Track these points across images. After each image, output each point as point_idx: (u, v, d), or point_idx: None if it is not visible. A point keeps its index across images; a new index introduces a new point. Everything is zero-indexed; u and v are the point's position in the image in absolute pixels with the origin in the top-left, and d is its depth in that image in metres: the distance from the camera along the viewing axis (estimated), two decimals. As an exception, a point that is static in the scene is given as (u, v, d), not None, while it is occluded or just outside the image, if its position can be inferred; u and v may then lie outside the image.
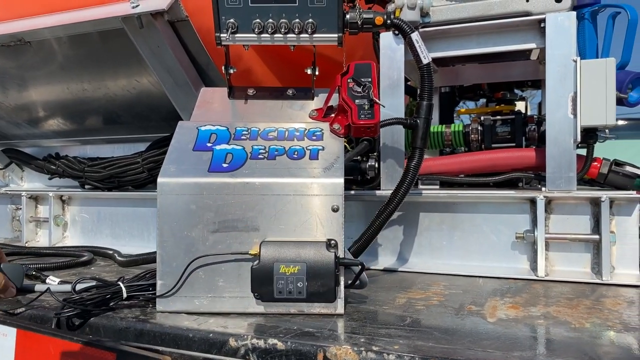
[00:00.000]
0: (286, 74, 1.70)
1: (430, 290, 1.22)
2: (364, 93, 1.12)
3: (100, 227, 1.97)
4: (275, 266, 0.96)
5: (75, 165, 2.04)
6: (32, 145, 2.36)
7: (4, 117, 2.20)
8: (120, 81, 1.81)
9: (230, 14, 1.16)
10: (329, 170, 1.03)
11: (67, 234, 2.03)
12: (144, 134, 2.05)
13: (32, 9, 1.61)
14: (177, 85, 1.61)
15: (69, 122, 2.17)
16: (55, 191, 2.01)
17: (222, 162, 1.04)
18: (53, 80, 1.92)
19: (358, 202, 1.58)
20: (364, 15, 1.18)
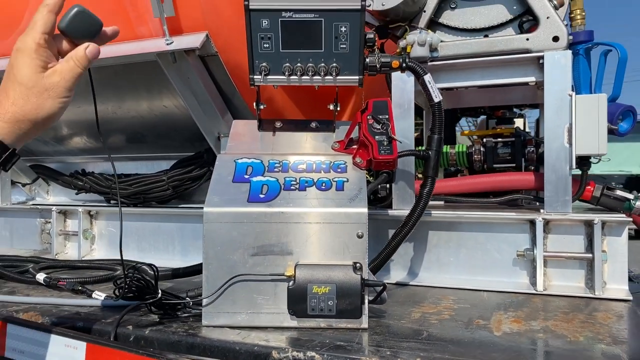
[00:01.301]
0: (304, 102, 1.84)
1: (441, 304, 1.36)
2: (382, 130, 1.26)
3: (127, 240, 2.10)
4: (309, 286, 1.09)
5: (102, 182, 2.17)
6: (57, 161, 2.49)
7: (32, 136, 2.32)
8: (147, 104, 1.94)
9: (263, 58, 1.29)
10: (354, 200, 1.16)
11: (94, 246, 2.16)
12: (166, 153, 2.18)
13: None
14: (204, 112, 1.74)
15: (94, 140, 2.30)
16: (84, 206, 2.14)
17: (259, 193, 1.18)
18: (81, 102, 2.05)
19: (370, 220, 1.70)
20: (382, 59, 1.32)
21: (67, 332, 1.06)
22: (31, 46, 0.85)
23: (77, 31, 0.92)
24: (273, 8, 1.25)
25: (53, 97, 0.85)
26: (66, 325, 1.16)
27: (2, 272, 1.69)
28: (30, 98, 0.84)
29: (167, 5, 1.52)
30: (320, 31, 1.26)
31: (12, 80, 0.84)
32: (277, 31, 1.26)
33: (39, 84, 0.85)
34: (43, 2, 0.88)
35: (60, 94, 0.86)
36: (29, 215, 2.32)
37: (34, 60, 0.85)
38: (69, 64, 0.88)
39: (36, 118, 0.84)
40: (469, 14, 1.66)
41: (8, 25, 1.78)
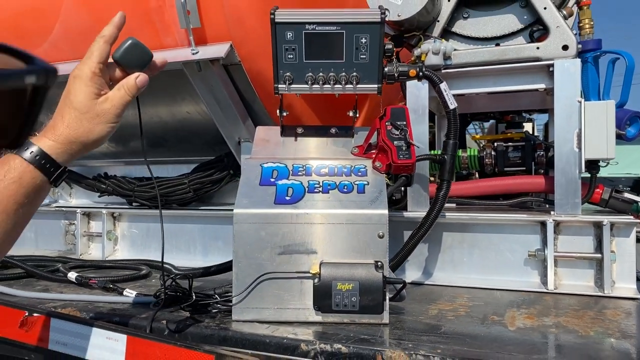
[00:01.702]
0: (321, 108, 1.91)
1: (456, 302, 1.42)
2: (401, 135, 1.33)
3: (149, 241, 2.18)
4: (333, 283, 1.16)
5: (125, 185, 2.25)
6: (79, 165, 2.57)
7: (57, 140, 2.41)
8: (170, 110, 2.02)
9: (288, 68, 1.36)
10: (375, 202, 1.23)
11: (117, 247, 2.24)
12: (186, 157, 2.26)
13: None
14: (225, 118, 1.82)
15: (115, 145, 2.38)
16: (108, 208, 2.22)
17: (285, 196, 1.25)
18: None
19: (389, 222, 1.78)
20: (400, 68, 1.39)
21: (108, 326, 1.13)
22: (87, 74, 0.92)
23: (130, 62, 0.99)
24: (297, 21, 1.32)
25: (103, 122, 0.92)
26: (104, 320, 1.23)
27: (34, 271, 1.77)
28: (83, 122, 0.90)
29: (194, 17, 1.60)
30: (342, 42, 1.33)
31: (68, 105, 0.91)
32: (300, 43, 1.34)
33: (92, 110, 0.91)
34: (100, 34, 0.96)
35: (110, 120, 0.93)
36: (54, 217, 2.40)
37: (89, 88, 0.92)
38: (120, 92, 0.96)
39: (86, 140, 0.91)
40: (481, 24, 1.73)
41: (40, 34, 1.87)
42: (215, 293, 1.31)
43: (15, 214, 0.84)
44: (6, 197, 0.82)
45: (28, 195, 0.85)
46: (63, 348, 1.15)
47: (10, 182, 0.83)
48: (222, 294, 1.28)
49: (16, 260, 1.80)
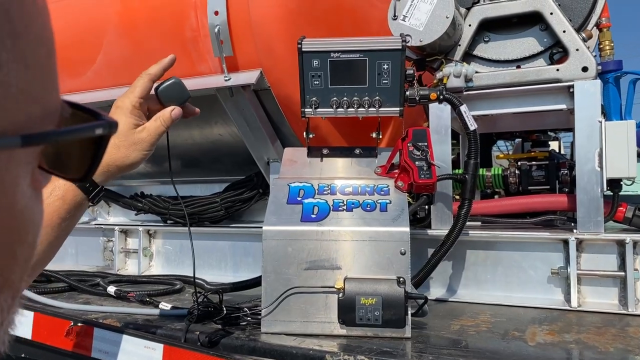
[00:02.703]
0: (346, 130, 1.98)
1: (478, 318, 1.45)
2: (422, 156, 1.39)
3: (182, 258, 2.28)
4: (357, 298, 1.22)
5: (160, 204, 2.36)
6: (117, 184, 2.71)
7: (97, 161, 2.55)
8: (201, 132, 2.13)
9: (314, 94, 1.44)
10: (397, 220, 1.29)
11: (152, 263, 2.34)
12: (218, 177, 2.36)
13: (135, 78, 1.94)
14: (255, 139, 1.91)
15: (152, 165, 2.50)
16: (144, 226, 2.33)
17: (310, 214, 1.32)
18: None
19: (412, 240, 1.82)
20: (421, 92, 1.45)
21: (146, 335, 1.21)
22: (128, 107, 1.02)
23: (169, 97, 1.09)
24: (323, 50, 1.40)
25: (139, 150, 1.02)
26: (141, 330, 1.31)
27: (77, 285, 1.88)
28: (120, 149, 1.00)
29: (226, 46, 1.70)
30: (365, 69, 1.41)
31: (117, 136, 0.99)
32: (326, 69, 1.42)
33: (129, 138, 1.01)
34: (147, 71, 1.07)
35: (145, 148, 1.03)
36: (93, 234, 2.53)
37: (129, 119, 1.02)
38: (156, 123, 1.05)
39: (122, 165, 1.01)
40: (502, 47, 1.78)
41: (85, 63, 2.01)
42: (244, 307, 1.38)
43: (59, 227, 0.92)
44: (51, 212, 0.91)
45: (70, 211, 0.94)
46: (105, 356, 1.23)
47: (55, 199, 0.92)
48: (251, 308, 1.35)
49: (60, 275, 1.91)
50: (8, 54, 0.30)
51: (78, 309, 1.52)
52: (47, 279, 2.02)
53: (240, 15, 1.69)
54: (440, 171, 1.59)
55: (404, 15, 1.69)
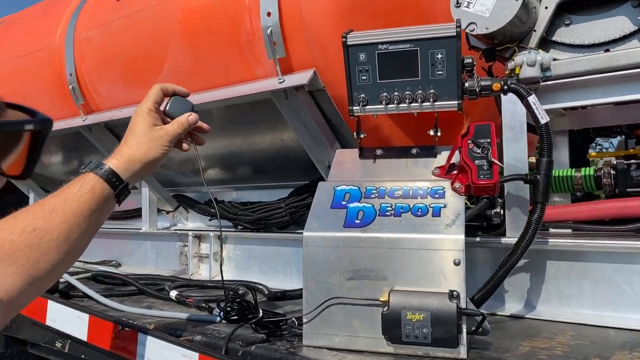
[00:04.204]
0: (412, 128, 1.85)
1: (555, 339, 1.26)
2: (483, 154, 1.23)
3: (250, 263, 2.27)
4: (403, 313, 1.10)
5: (230, 209, 2.38)
6: (195, 190, 2.78)
7: (174, 168, 2.64)
8: (266, 138, 2.11)
9: (362, 90, 1.35)
10: (451, 227, 1.15)
11: (223, 268, 2.36)
12: (285, 182, 2.33)
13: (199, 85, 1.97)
14: (314, 142, 1.85)
15: (225, 172, 2.54)
16: (214, 231, 2.36)
17: (355, 219, 1.22)
18: (217, 138, 2.28)
19: (484, 249, 1.65)
20: (481, 82, 1.30)
21: (184, 343, 1.18)
22: (145, 110, 1.14)
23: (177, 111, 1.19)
24: (370, 42, 1.30)
25: (159, 145, 1.12)
26: (186, 337, 1.30)
27: (145, 289, 1.93)
28: (142, 145, 1.10)
29: (279, 48, 1.66)
30: (416, 60, 1.29)
31: (130, 133, 1.12)
32: (374, 63, 1.32)
33: (149, 135, 1.11)
34: (159, 84, 1.20)
35: (164, 144, 1.12)
36: (171, 239, 2.62)
37: (147, 119, 1.13)
38: (174, 125, 1.16)
39: (145, 160, 1.09)
40: (586, 29, 1.56)
41: (153, 74, 2.08)
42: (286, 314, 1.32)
43: (89, 218, 0.99)
44: (81, 204, 0.98)
45: (99, 203, 1.00)
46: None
47: (85, 192, 0.99)
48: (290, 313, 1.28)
49: (130, 279, 1.98)
50: None
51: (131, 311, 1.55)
52: (123, 282, 2.11)
53: (293, 15, 1.64)
54: (514, 171, 1.42)
55: (468, 1, 1.54)
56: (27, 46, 2.64)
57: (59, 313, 1.52)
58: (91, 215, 0.98)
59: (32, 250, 0.89)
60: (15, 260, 0.86)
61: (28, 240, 0.88)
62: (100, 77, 2.32)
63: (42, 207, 0.95)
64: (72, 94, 2.42)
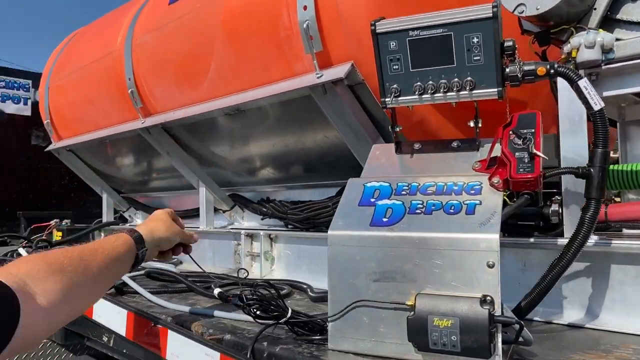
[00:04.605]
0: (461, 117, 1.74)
1: (613, 353, 1.11)
2: (524, 145, 1.11)
3: (300, 262, 2.24)
4: (430, 318, 1.01)
5: (280, 208, 2.38)
6: (250, 190, 2.81)
7: (229, 169, 2.68)
8: (312, 136, 2.07)
9: (394, 80, 1.27)
10: (485, 225, 1.05)
11: (274, 267, 2.36)
12: (334, 180, 2.28)
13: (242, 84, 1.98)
14: (357, 139, 1.78)
15: (277, 171, 2.54)
16: (265, 230, 2.36)
17: (382, 217, 1.15)
18: (272, 137, 2.28)
19: (539, 251, 1.51)
20: (524, 67, 1.18)
21: (207, 342, 1.17)
22: (167, 210, 1.57)
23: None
24: (400, 29, 1.23)
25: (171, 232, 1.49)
26: (216, 336, 1.28)
27: (193, 286, 1.96)
28: (161, 227, 1.46)
29: (316, 42, 1.62)
30: (451, 45, 1.19)
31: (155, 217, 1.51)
32: (405, 51, 1.24)
33: (168, 223, 1.50)
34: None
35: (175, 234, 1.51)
36: (226, 238, 2.65)
37: (168, 215, 1.53)
38: (185, 232, 1.57)
39: (161, 236, 1.44)
40: (657, 3, 1.37)
41: (201, 74, 2.11)
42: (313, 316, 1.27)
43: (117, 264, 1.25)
44: (116, 252, 1.24)
45: (126, 254, 1.29)
46: (175, 359, 1.23)
47: (120, 244, 1.28)
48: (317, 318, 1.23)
49: (179, 276, 2.02)
50: None
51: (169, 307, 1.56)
52: (175, 279, 2.15)
53: (329, 8, 1.60)
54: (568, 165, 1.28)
55: (515, -19, 1.41)
56: (94, 54, 2.79)
57: (103, 308, 1.57)
58: (119, 262, 1.25)
59: (76, 274, 1.07)
60: (62, 279, 1.03)
61: (74, 266, 1.08)
62: (155, 80, 2.40)
63: (89, 246, 1.20)
64: (131, 97, 2.53)
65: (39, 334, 0.97)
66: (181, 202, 3.16)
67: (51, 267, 1.03)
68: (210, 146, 2.59)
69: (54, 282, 1.00)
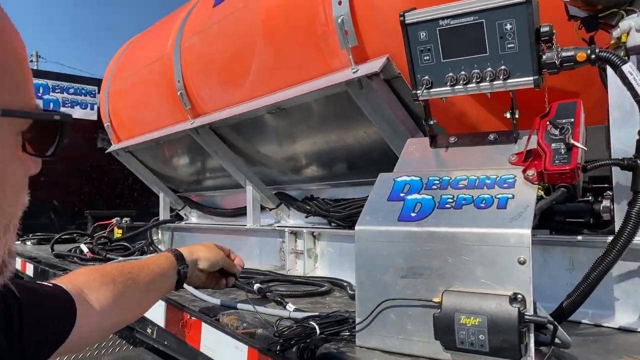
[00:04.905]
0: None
1: (664, 360, 1.03)
2: (561, 136, 1.05)
3: (342, 260, 2.24)
4: (456, 316, 0.97)
5: (323, 206, 2.38)
6: (296, 188, 2.83)
7: (274, 167, 2.72)
8: (353, 133, 2.06)
9: (425, 72, 1.24)
10: (516, 220, 1.00)
11: (317, 265, 2.36)
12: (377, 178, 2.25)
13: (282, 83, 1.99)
14: (395, 134, 1.75)
15: (321, 169, 2.54)
16: (308, 228, 2.37)
17: (411, 212, 1.12)
18: (315, 136, 2.29)
19: (588, 249, 1.42)
20: (562, 53, 1.11)
21: (237, 335, 1.19)
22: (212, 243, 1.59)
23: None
24: (429, 18, 1.19)
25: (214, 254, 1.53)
26: (249, 330, 1.30)
27: (236, 283, 1.99)
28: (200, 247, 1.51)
29: (351, 37, 1.60)
30: (483, 33, 1.14)
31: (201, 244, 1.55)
32: (436, 41, 1.20)
33: (209, 246, 1.55)
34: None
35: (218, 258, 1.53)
36: (272, 236, 2.69)
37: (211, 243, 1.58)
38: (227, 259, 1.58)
39: (202, 257, 1.48)
40: None
41: (243, 75, 2.15)
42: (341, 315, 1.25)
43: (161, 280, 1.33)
44: (161, 269, 1.33)
45: (170, 271, 1.37)
46: (209, 351, 1.26)
47: (163, 261, 1.37)
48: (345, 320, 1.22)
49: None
50: None
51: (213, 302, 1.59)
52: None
53: (364, 2, 1.58)
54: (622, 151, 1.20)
55: (557, -37, 1.34)
56: (147, 58, 2.91)
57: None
58: (164, 277, 1.34)
59: (125, 286, 1.18)
60: (113, 289, 1.14)
61: (124, 279, 1.19)
62: (201, 82, 2.47)
63: (137, 262, 1.32)
64: (180, 99, 2.61)
65: (91, 337, 1.09)
66: (232, 201, 3.24)
67: (104, 278, 1.15)
68: (255, 145, 2.63)
69: (105, 291, 1.13)
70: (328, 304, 1.66)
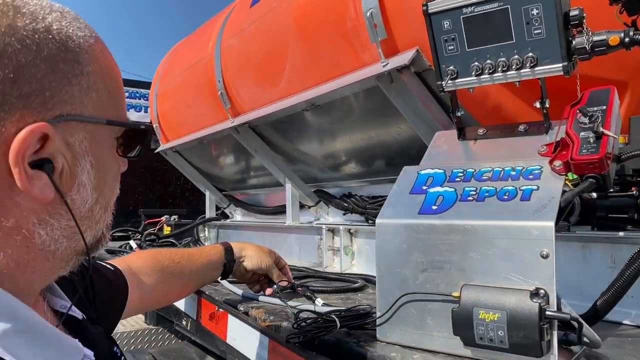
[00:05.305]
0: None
1: None
2: (590, 124, 1.00)
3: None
4: (475, 311, 0.94)
5: (360, 203, 2.36)
6: (335, 186, 2.83)
7: (313, 165, 2.73)
8: (388, 129, 2.03)
9: (450, 62, 1.21)
10: (539, 212, 0.95)
11: (354, 262, 2.35)
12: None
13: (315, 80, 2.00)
14: (429, 128, 1.72)
15: (359, 166, 2.52)
16: (345, 225, 2.37)
17: (432, 204, 1.10)
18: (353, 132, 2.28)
19: (630, 246, 1.34)
20: (593, 38, 1.05)
21: (259, 327, 1.20)
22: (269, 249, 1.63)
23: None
24: (453, 7, 1.16)
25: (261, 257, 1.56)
26: (273, 322, 1.31)
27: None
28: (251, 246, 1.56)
29: (380, 30, 1.59)
30: (508, 20, 1.10)
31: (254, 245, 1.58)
32: (460, 30, 1.17)
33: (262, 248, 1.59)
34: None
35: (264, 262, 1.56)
36: (311, 233, 2.70)
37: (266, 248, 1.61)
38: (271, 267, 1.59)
39: (250, 255, 1.53)
40: None
41: (278, 73, 2.17)
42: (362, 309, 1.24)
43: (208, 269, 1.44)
44: (208, 260, 1.44)
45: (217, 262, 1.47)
46: (234, 343, 1.28)
47: (212, 254, 1.47)
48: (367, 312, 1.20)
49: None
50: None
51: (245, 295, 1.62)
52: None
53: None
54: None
55: (594, -56, 1.27)
56: (190, 60, 3.00)
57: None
58: (211, 267, 1.44)
59: (172, 276, 1.32)
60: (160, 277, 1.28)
61: (172, 268, 1.33)
62: (240, 81, 2.52)
63: (189, 252, 1.43)
64: (221, 99, 2.68)
65: (128, 314, 1.20)
66: (275, 199, 3.28)
67: (156, 266, 1.29)
68: (294, 143, 2.65)
69: (154, 278, 1.27)
70: (358, 300, 1.64)
